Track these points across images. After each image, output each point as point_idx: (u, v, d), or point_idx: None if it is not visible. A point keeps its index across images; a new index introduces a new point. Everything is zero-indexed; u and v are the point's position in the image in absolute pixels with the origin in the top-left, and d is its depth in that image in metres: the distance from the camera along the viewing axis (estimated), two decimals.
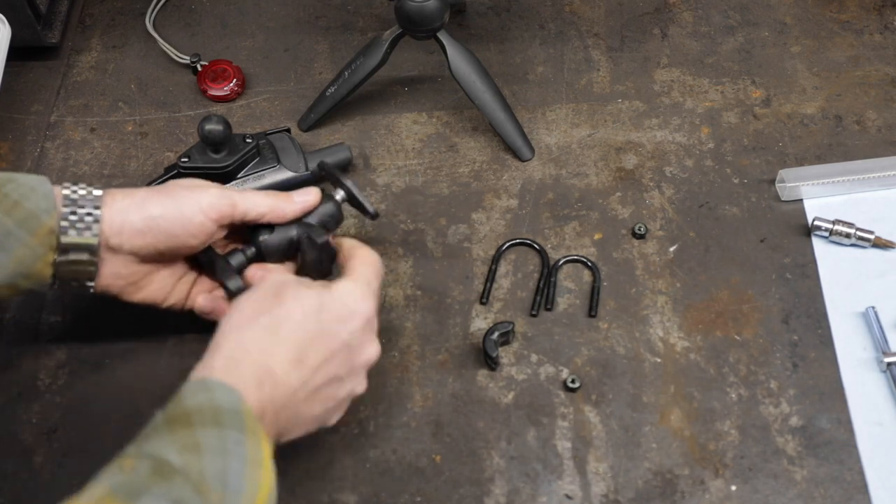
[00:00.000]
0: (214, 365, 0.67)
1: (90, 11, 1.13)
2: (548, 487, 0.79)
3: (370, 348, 0.74)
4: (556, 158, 0.99)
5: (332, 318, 0.71)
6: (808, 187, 0.94)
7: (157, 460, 0.59)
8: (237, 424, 0.63)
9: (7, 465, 0.81)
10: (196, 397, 0.63)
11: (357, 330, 0.72)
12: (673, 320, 0.88)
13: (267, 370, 0.67)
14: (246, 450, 0.62)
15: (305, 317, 0.70)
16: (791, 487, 0.79)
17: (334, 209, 0.83)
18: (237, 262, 0.81)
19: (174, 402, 0.64)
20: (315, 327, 0.70)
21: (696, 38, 1.08)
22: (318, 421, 0.73)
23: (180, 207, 0.77)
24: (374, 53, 0.97)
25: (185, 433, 0.61)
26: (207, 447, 0.60)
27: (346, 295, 0.73)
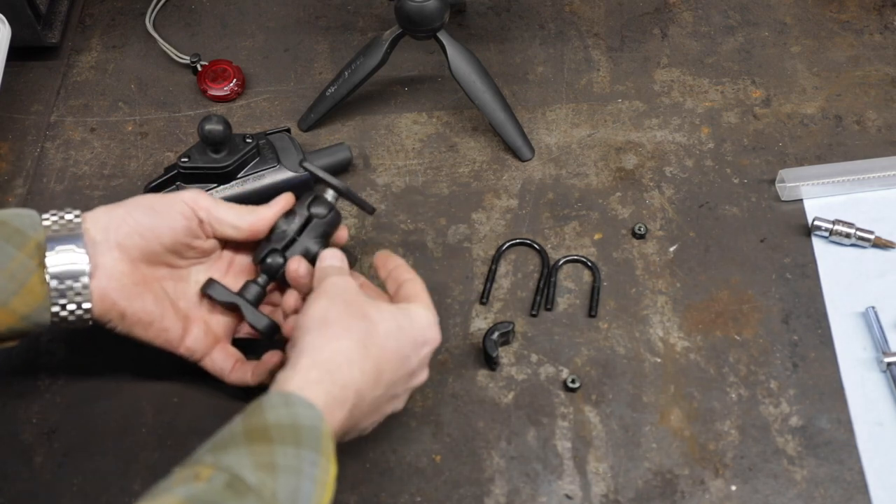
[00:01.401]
0: (307, 377, 0.67)
1: (90, 11, 1.13)
2: (548, 487, 0.79)
3: (423, 374, 0.76)
4: (556, 158, 0.99)
5: (408, 342, 0.72)
6: (808, 187, 0.94)
7: (233, 475, 0.59)
8: (315, 445, 0.63)
9: (7, 465, 0.81)
10: (277, 412, 0.63)
11: (424, 355, 0.74)
12: (673, 320, 0.88)
13: (355, 389, 0.68)
14: (318, 471, 0.62)
15: (387, 336, 0.71)
16: (791, 487, 0.79)
17: (332, 214, 0.82)
18: (254, 294, 0.80)
19: (254, 412, 0.64)
20: (395, 347, 0.71)
21: (696, 38, 1.08)
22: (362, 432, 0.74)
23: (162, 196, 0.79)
24: (374, 53, 0.97)
25: (263, 449, 0.61)
26: (283, 467, 0.61)
27: (423, 319, 0.74)
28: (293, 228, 0.80)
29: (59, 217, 0.75)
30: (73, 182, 0.98)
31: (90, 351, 0.86)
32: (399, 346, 0.71)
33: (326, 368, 0.67)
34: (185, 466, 0.61)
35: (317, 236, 0.81)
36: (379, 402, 0.72)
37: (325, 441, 0.64)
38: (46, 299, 0.73)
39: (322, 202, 0.82)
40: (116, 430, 0.83)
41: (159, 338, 0.79)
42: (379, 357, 0.70)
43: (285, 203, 0.82)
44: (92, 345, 0.87)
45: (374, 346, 0.70)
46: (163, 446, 0.82)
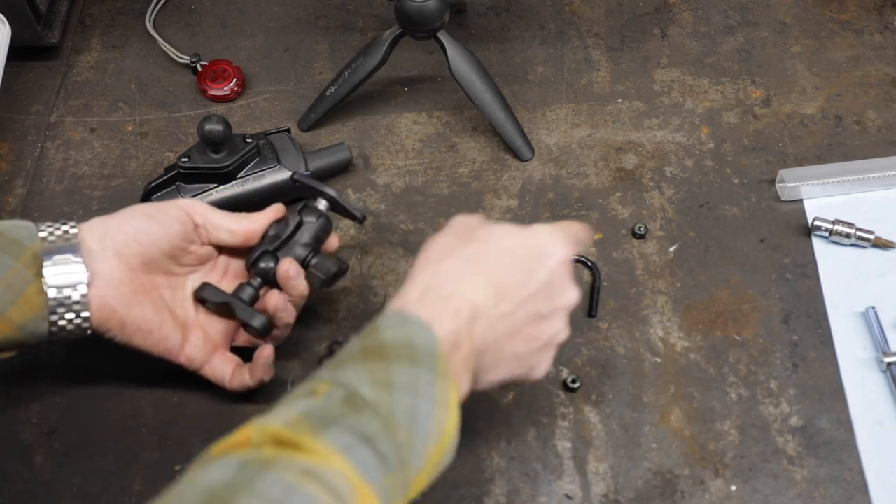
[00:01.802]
0: (411, 296, 0.66)
1: (90, 11, 1.13)
2: (548, 487, 0.79)
3: (570, 292, 0.71)
4: (556, 158, 0.99)
5: (528, 254, 0.69)
6: (808, 187, 0.94)
7: (350, 390, 0.59)
8: (430, 365, 0.62)
9: (7, 465, 0.81)
10: (393, 331, 0.63)
11: (555, 268, 0.70)
12: (673, 320, 0.88)
13: (466, 301, 0.66)
14: (435, 391, 0.61)
15: (503, 251, 0.69)
16: (791, 487, 0.79)
17: (323, 220, 0.83)
18: (248, 295, 0.81)
19: (371, 332, 0.63)
20: (513, 262, 0.68)
21: (696, 38, 1.08)
22: (523, 364, 0.70)
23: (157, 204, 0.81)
24: (374, 53, 0.97)
25: (380, 367, 0.61)
26: (399, 384, 0.60)
27: (543, 234, 0.71)
28: (285, 232, 0.82)
29: (55, 228, 0.75)
30: (73, 182, 0.98)
31: (90, 351, 0.86)
32: (516, 260, 0.68)
33: (427, 286, 0.66)
34: (305, 383, 0.61)
35: (308, 240, 0.82)
36: (515, 319, 0.67)
37: (440, 363, 0.62)
38: (44, 309, 0.73)
39: (313, 210, 0.83)
40: (116, 430, 0.83)
41: (159, 346, 0.79)
42: (492, 271, 0.67)
43: (277, 211, 0.83)
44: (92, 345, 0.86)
45: (484, 261, 0.68)
46: (163, 446, 0.82)
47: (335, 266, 0.82)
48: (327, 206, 0.84)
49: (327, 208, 0.84)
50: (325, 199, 0.84)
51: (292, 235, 0.82)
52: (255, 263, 0.82)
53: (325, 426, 0.57)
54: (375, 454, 0.57)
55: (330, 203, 0.84)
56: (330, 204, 0.84)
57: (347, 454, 0.56)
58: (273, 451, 0.55)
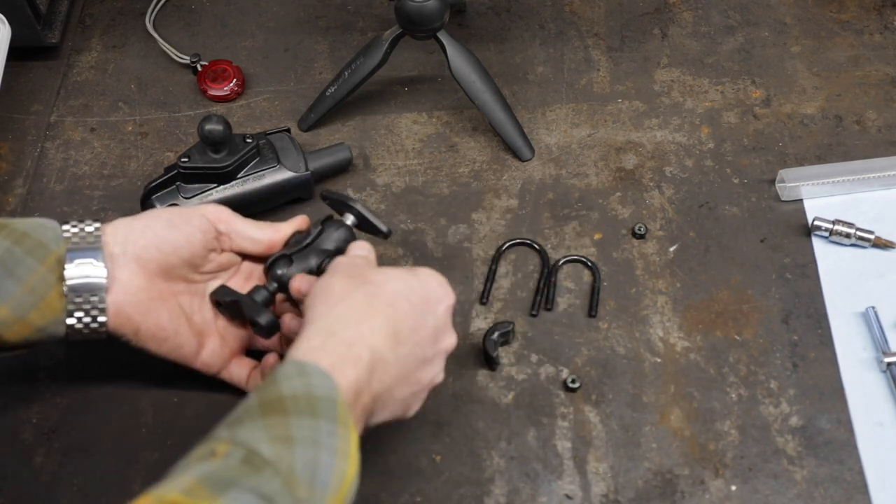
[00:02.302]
0: (312, 343, 0.65)
1: (90, 11, 1.13)
2: (548, 487, 0.79)
3: (450, 336, 0.73)
4: (556, 158, 0.99)
5: (419, 298, 0.70)
6: (808, 187, 0.94)
7: (249, 450, 0.58)
8: (331, 415, 0.61)
9: (7, 465, 0.81)
10: (292, 382, 0.62)
11: (441, 314, 0.72)
12: (673, 320, 0.88)
13: (367, 346, 0.66)
14: (337, 441, 0.61)
15: (396, 293, 0.69)
16: (791, 487, 0.79)
17: (346, 233, 0.82)
18: (262, 297, 0.80)
19: (269, 386, 0.62)
20: (406, 305, 0.69)
21: (696, 38, 1.08)
22: (404, 406, 0.71)
23: (180, 210, 0.79)
24: (374, 53, 0.97)
25: (279, 421, 0.60)
26: (299, 439, 0.59)
27: (431, 279, 0.72)
28: (305, 241, 0.81)
29: (80, 229, 0.75)
30: (73, 182, 0.98)
31: (90, 351, 0.86)
32: (411, 303, 0.70)
33: (330, 331, 0.66)
34: (202, 444, 0.60)
35: (326, 247, 0.81)
36: (407, 364, 0.69)
37: (341, 410, 0.62)
38: (63, 313, 0.73)
39: (336, 223, 0.82)
40: (116, 430, 0.83)
41: (174, 353, 0.78)
42: (389, 313, 0.68)
43: (301, 221, 0.83)
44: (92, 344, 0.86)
45: (381, 304, 0.68)
46: (163, 446, 0.82)
47: None
48: (354, 223, 0.83)
49: (354, 224, 0.83)
50: (353, 215, 0.83)
51: (311, 243, 0.81)
52: (270, 267, 0.81)
53: (224, 489, 0.56)
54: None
55: (357, 219, 0.83)
56: (357, 220, 0.83)
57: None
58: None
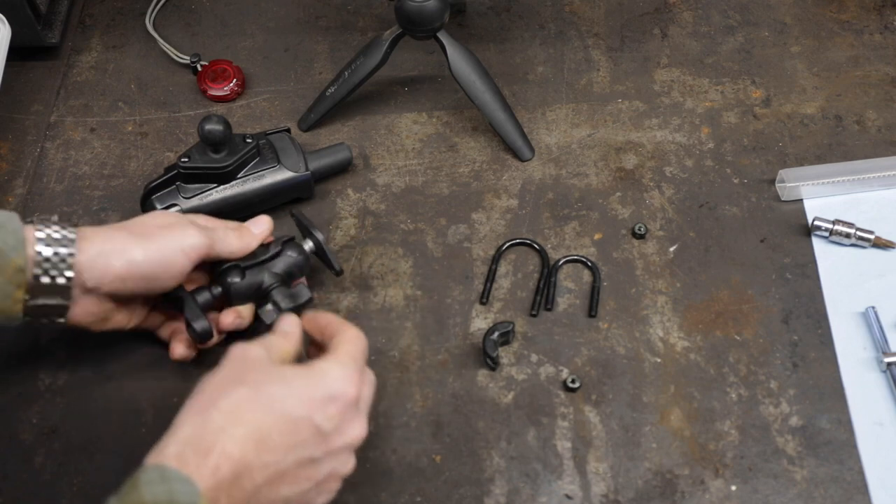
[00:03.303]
0: (171, 450, 0.64)
1: (90, 11, 1.13)
2: (548, 487, 0.79)
3: (352, 430, 0.70)
4: (556, 158, 0.99)
5: (303, 401, 0.67)
6: (808, 187, 0.94)
7: None
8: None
9: (7, 465, 0.81)
10: (153, 487, 0.61)
11: (335, 414, 0.68)
12: (673, 320, 0.88)
13: (226, 456, 0.63)
14: None
15: (272, 397, 0.67)
16: (791, 487, 0.79)
17: (301, 259, 0.84)
18: (203, 299, 0.82)
19: (131, 492, 0.61)
20: (280, 411, 0.66)
21: (696, 38, 1.08)
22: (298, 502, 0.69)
23: (162, 251, 0.77)
24: (374, 53, 0.97)
25: None
26: None
27: (329, 375, 0.69)
28: (262, 256, 0.83)
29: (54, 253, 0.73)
30: (73, 182, 0.98)
31: (90, 351, 0.86)
32: (288, 408, 0.66)
33: (187, 440, 0.64)
34: None
35: (279, 272, 0.83)
36: (280, 467, 0.66)
37: None
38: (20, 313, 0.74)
39: (296, 247, 0.84)
40: (116, 430, 0.83)
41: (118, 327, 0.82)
42: (258, 420, 0.65)
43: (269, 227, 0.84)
44: (92, 345, 0.87)
45: (249, 410, 0.65)
46: None
47: (294, 302, 0.81)
48: (312, 249, 0.85)
49: (311, 250, 0.85)
50: (313, 242, 0.85)
51: (268, 261, 0.83)
52: (222, 274, 0.82)
53: None
54: None
55: (315, 247, 0.85)
56: (315, 248, 0.85)
57: None
58: None
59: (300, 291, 0.82)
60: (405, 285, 0.90)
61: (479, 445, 0.81)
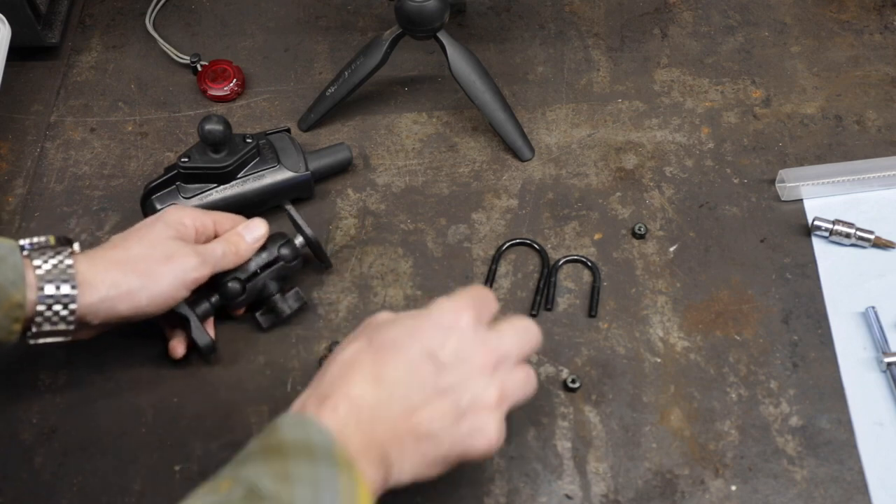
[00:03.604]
0: (295, 405, 0.67)
1: (90, 11, 1.13)
2: (548, 487, 0.79)
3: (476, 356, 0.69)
4: (556, 158, 0.99)
5: (413, 337, 0.68)
6: (808, 187, 0.94)
7: (250, 486, 0.59)
8: (329, 460, 0.62)
9: (7, 465, 0.81)
10: (291, 430, 0.64)
11: (449, 343, 0.68)
12: (673, 320, 0.88)
13: (343, 395, 0.66)
14: (339, 484, 0.61)
15: (383, 342, 0.68)
16: (791, 487, 0.79)
17: (296, 262, 0.87)
18: (203, 310, 0.85)
19: (270, 432, 0.64)
20: (393, 349, 0.68)
21: (696, 38, 1.08)
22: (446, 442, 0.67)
23: (165, 290, 0.78)
24: (374, 53, 0.97)
25: (279, 463, 0.61)
26: (298, 477, 0.60)
27: (435, 310, 0.70)
28: (259, 264, 0.85)
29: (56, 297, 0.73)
30: (73, 182, 0.98)
31: (90, 351, 0.86)
32: (399, 345, 0.68)
33: (308, 394, 0.67)
34: (206, 483, 0.61)
35: (276, 277, 0.86)
36: (410, 403, 0.66)
37: (340, 458, 0.62)
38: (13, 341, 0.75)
39: (290, 246, 0.86)
40: (116, 430, 0.83)
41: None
42: (371, 363, 0.67)
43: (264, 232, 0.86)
44: (92, 345, 0.87)
45: (367, 354, 0.68)
46: (163, 446, 0.82)
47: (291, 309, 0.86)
48: (303, 244, 0.88)
49: (302, 245, 0.87)
50: (303, 238, 0.87)
51: (265, 268, 0.85)
52: (223, 284, 0.85)
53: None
54: None
55: (306, 242, 0.87)
56: (306, 243, 0.87)
57: None
58: None
59: (295, 296, 0.86)
60: (405, 285, 0.90)
61: None
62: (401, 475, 0.66)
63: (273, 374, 0.85)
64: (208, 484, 0.61)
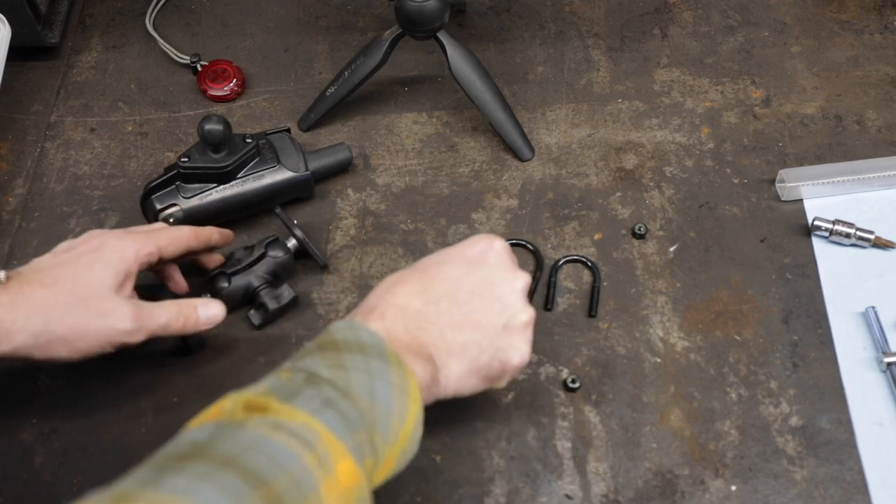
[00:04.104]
0: (352, 312, 0.72)
1: (90, 11, 1.13)
2: (548, 487, 0.79)
3: (512, 275, 0.74)
4: (556, 158, 0.99)
5: (455, 259, 0.74)
6: (808, 187, 0.94)
7: (310, 372, 0.64)
8: (380, 356, 0.66)
9: (7, 465, 0.81)
10: (343, 332, 0.68)
11: (478, 252, 0.74)
12: (673, 320, 0.88)
13: (389, 304, 0.71)
14: (391, 376, 0.65)
15: (430, 261, 0.75)
16: (791, 487, 0.79)
17: (286, 258, 0.87)
18: None
19: (324, 335, 0.68)
20: (436, 267, 0.74)
21: (696, 38, 1.08)
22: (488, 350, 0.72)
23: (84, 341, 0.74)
24: (374, 53, 0.97)
25: (334, 355, 0.65)
26: (353, 366, 0.65)
27: (472, 238, 0.76)
28: (246, 260, 0.86)
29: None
30: (73, 182, 0.98)
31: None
32: (442, 264, 0.73)
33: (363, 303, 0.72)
34: (269, 375, 0.65)
35: (264, 273, 0.87)
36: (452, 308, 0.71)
37: (391, 355, 0.66)
38: None
39: (280, 246, 0.87)
40: (116, 430, 0.83)
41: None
42: (418, 278, 0.72)
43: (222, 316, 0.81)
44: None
45: (413, 272, 0.73)
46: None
47: (278, 303, 0.87)
48: (295, 246, 0.89)
49: (295, 247, 0.88)
50: (295, 239, 0.88)
51: (252, 264, 0.86)
52: (209, 281, 0.86)
53: (291, 397, 0.61)
54: (339, 414, 0.61)
55: (299, 243, 0.88)
56: (299, 244, 0.88)
57: (314, 414, 0.60)
58: (245, 414, 0.60)
59: (284, 292, 0.87)
60: None
61: (479, 445, 0.81)
62: (448, 381, 0.71)
63: None
64: (272, 374, 0.65)
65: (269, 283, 0.87)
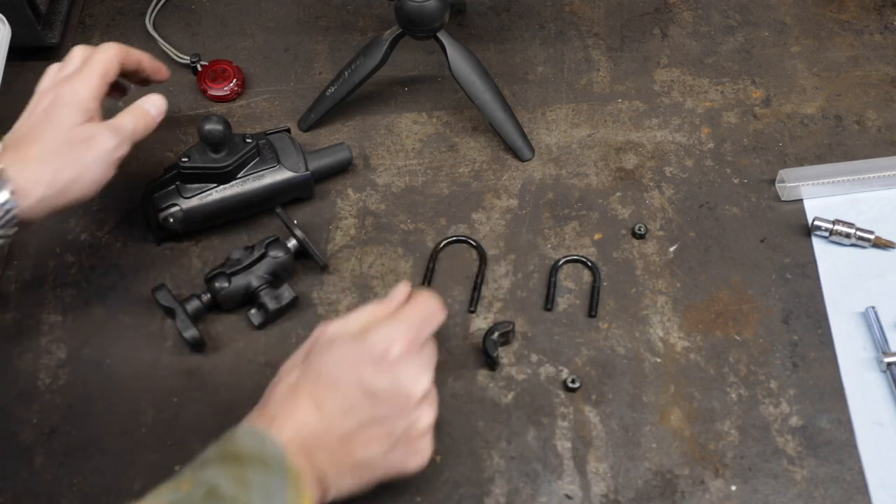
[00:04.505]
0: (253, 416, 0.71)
1: (90, 11, 1.13)
2: (548, 487, 0.79)
3: (412, 384, 0.71)
4: (556, 158, 0.99)
5: (348, 366, 0.71)
6: (808, 187, 0.94)
7: (211, 487, 0.63)
8: (281, 472, 0.66)
9: (7, 465, 0.81)
10: (248, 442, 0.67)
11: (385, 373, 0.70)
12: (673, 320, 0.88)
13: (286, 416, 0.70)
14: (286, 494, 0.65)
15: (320, 370, 0.71)
16: (791, 487, 0.79)
17: (286, 258, 0.87)
18: (193, 308, 0.85)
19: (228, 441, 0.68)
20: (329, 379, 0.71)
21: (696, 38, 1.08)
22: (382, 465, 0.71)
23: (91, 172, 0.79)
24: (374, 53, 0.97)
25: (236, 469, 0.65)
26: (254, 483, 0.64)
27: (374, 335, 0.71)
28: (246, 260, 0.86)
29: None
30: None
31: (90, 351, 0.87)
32: (336, 375, 0.71)
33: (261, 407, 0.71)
34: (168, 482, 0.65)
35: (264, 273, 0.87)
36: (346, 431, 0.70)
37: (290, 472, 0.66)
38: None
39: (280, 246, 0.87)
40: (116, 430, 0.83)
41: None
42: (312, 391, 0.70)
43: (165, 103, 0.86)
44: (92, 345, 0.87)
45: (306, 382, 0.71)
46: (163, 446, 0.82)
47: (278, 304, 0.86)
48: (295, 246, 0.88)
49: (295, 248, 0.88)
50: (296, 239, 0.88)
51: (252, 264, 0.86)
52: (209, 280, 0.86)
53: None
54: None
55: (299, 243, 0.88)
56: (299, 244, 0.88)
57: None
58: None
59: (284, 292, 0.87)
60: None
61: (479, 445, 0.81)
62: (338, 494, 0.71)
63: (273, 374, 0.84)
64: (170, 483, 0.65)
65: (269, 283, 0.87)
